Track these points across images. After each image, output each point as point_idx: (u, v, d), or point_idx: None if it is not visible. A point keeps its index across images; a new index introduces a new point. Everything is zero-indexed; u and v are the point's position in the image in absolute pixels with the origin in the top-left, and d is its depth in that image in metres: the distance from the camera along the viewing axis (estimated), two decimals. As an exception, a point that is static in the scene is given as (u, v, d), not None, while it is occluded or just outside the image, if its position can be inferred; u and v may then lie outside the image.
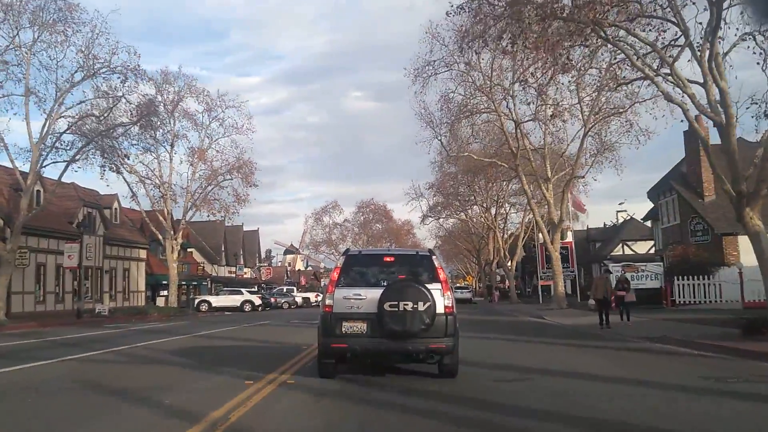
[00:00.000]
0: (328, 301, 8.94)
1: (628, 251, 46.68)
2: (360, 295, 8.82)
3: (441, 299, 8.66)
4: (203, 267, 57.95)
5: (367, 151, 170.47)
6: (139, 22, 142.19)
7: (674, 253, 30.27)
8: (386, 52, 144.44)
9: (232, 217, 45.89)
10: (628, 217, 50.71)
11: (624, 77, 18.33)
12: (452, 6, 18.01)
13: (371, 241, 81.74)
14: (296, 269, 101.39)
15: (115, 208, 44.70)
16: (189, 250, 60.85)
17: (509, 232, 61.08)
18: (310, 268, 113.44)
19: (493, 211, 57.58)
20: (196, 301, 48.59)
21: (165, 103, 42.70)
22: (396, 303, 8.45)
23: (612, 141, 32.22)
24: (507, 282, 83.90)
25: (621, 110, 30.23)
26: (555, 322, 24.51)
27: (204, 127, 44.95)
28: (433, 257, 9.37)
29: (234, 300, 48.70)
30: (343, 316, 8.79)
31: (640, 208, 48.64)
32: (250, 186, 45.24)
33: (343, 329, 8.76)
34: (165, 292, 46.89)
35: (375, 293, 8.69)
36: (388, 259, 9.75)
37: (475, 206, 62.22)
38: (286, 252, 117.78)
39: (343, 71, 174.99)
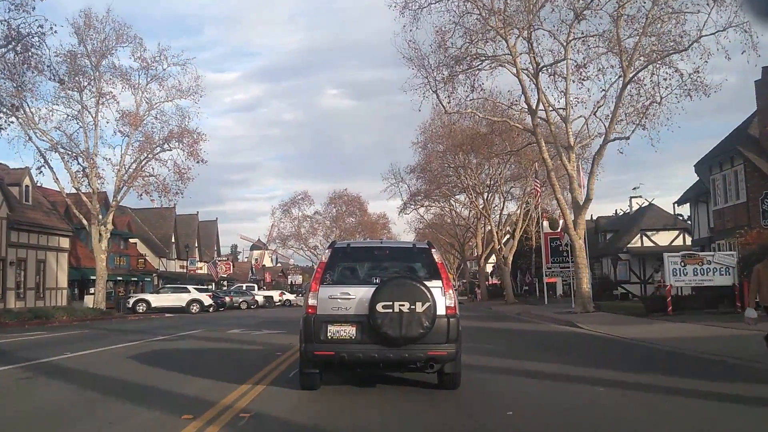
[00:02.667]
0: (311, 302, 7.59)
1: (647, 243, 39.38)
2: (348, 294, 7.57)
3: (442, 299, 7.48)
4: (144, 260, 49.21)
5: (342, 150, 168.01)
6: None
7: (745, 239, 22.85)
8: (362, 50, 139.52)
9: (173, 199, 37.37)
10: (645, 204, 43.23)
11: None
12: None
13: (344, 236, 73.89)
14: (261, 265, 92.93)
15: (26, 186, 35.83)
16: (132, 240, 52.26)
17: (504, 221, 53.40)
18: (279, 265, 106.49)
19: (485, 196, 49.95)
20: (132, 300, 40.23)
21: (88, 53, 34.47)
22: (390, 303, 7.22)
23: (655, 95, 24.65)
24: (492, 279, 76.97)
25: (679, 49, 22.81)
26: (612, 335, 16.78)
27: (140, 89, 36.65)
28: (432, 250, 8.11)
29: (179, 299, 40.63)
30: (329, 319, 7.49)
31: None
32: (198, 162, 36.96)
33: (328, 334, 7.46)
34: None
35: (366, 292, 7.44)
36: (380, 252, 8.69)
37: (462, 194, 54.67)
38: (253, 247, 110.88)
39: (319, 69, 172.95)
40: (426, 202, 58.91)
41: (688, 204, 32.32)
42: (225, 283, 69.80)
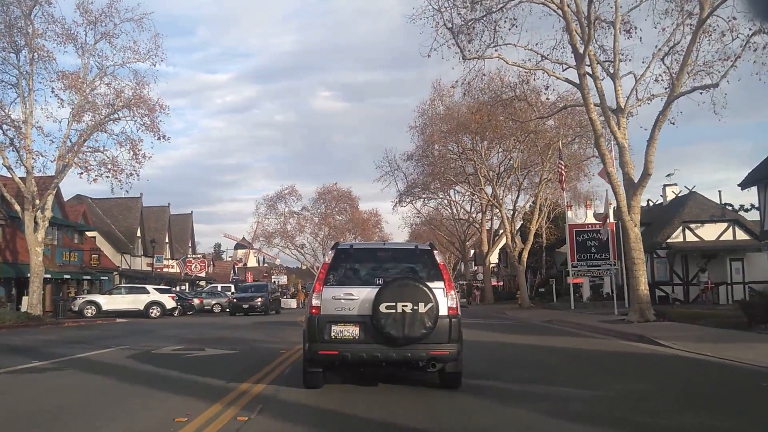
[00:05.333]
0: (315, 302, 7.68)
1: (690, 237, 33.31)
2: (352, 294, 7.66)
3: (444, 299, 7.62)
4: (99, 255, 42.57)
5: (334, 152, 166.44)
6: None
7: None
8: (355, 52, 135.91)
9: (126, 182, 30.67)
10: (685, 191, 36.95)
11: None
12: None
13: (333, 234, 67.70)
14: (243, 265, 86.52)
15: (-57, 164, 29.36)
16: (89, 234, 45.67)
17: (516, 215, 47.18)
18: (265, 265, 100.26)
19: (495, 184, 43.75)
20: (79, 302, 33.83)
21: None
22: (393, 304, 7.35)
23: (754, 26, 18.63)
24: (495, 280, 70.77)
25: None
26: (747, 363, 10.63)
27: (87, 50, 30.23)
28: (435, 252, 8.26)
29: (136, 301, 34.55)
30: (333, 319, 7.58)
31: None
32: (159, 138, 30.57)
33: (332, 334, 7.55)
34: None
35: (369, 293, 7.57)
36: (383, 254, 8.69)
37: (465, 183, 48.48)
38: (238, 246, 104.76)
39: (312, 70, 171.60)
40: (424, 194, 52.80)
41: (755, 186, 26.25)
42: (203, 283, 63.55)
